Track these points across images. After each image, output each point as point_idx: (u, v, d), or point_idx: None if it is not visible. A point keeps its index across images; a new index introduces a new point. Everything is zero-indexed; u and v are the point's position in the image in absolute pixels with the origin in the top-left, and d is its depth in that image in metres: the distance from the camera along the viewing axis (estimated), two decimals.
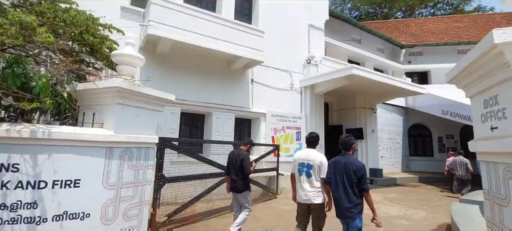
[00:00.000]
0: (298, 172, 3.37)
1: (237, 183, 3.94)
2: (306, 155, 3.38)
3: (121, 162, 3.31)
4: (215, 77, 7.41)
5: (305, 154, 3.41)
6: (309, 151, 3.40)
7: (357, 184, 2.92)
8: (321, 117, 9.31)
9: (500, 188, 1.78)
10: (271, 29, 8.50)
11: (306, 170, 3.28)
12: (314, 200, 3.19)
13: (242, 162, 3.92)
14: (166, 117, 6.33)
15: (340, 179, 3.00)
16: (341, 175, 3.00)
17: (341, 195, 2.96)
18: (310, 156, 3.32)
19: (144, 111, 3.62)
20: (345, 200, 2.92)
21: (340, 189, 2.98)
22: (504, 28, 1.50)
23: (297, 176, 3.39)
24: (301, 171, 3.33)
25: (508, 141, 1.59)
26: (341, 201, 2.95)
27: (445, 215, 5.94)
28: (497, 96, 1.77)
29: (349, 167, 2.97)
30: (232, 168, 4.03)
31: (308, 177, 3.25)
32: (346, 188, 2.94)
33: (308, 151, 3.41)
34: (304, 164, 3.32)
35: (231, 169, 4.05)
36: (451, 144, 14.01)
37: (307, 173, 3.26)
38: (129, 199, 3.42)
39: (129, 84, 3.26)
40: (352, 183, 2.93)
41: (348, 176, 2.96)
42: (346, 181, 2.96)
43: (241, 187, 3.92)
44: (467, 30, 16.72)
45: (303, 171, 3.30)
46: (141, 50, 6.20)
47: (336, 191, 3.03)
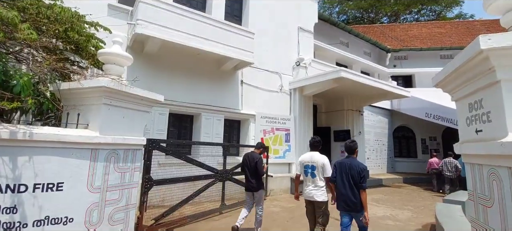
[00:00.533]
0: (304, 173, 3.72)
1: (252, 183, 4.31)
2: (310, 157, 3.70)
3: (107, 164, 3.21)
4: (204, 78, 7.34)
5: (309, 156, 3.72)
6: (313, 154, 3.72)
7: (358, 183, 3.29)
8: (310, 118, 9.40)
9: (485, 189, 1.84)
10: (261, 31, 8.52)
11: (310, 171, 3.62)
12: (317, 198, 3.52)
13: (256, 164, 4.27)
14: (153, 117, 6.21)
15: (346, 178, 3.36)
16: (347, 175, 3.37)
17: (347, 192, 3.33)
18: (313, 158, 3.66)
19: (131, 112, 3.53)
20: (352, 196, 3.29)
21: (346, 187, 3.34)
22: (490, 34, 1.55)
23: (303, 177, 3.74)
24: (306, 172, 3.68)
25: (492, 143, 1.65)
26: (348, 197, 3.31)
27: (429, 215, 6.12)
28: (482, 100, 1.83)
29: (354, 168, 3.34)
30: (247, 169, 4.38)
31: (313, 177, 3.60)
32: (352, 186, 3.31)
33: (312, 154, 3.72)
34: (308, 166, 3.66)
35: (246, 170, 4.41)
36: (434, 145, 14.50)
37: (311, 173, 3.61)
38: (115, 202, 3.31)
39: (116, 84, 3.16)
40: (356, 182, 3.30)
41: (353, 176, 3.32)
42: (351, 180, 3.33)
43: (256, 186, 4.31)
44: (449, 36, 17.38)
45: (308, 172, 3.65)
46: (128, 49, 6.06)
47: (342, 188, 3.38)
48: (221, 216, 5.41)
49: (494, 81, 1.63)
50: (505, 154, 1.50)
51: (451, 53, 15.33)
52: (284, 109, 9.06)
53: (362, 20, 28.84)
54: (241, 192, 6.69)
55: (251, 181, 4.32)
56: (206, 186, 5.30)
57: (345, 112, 11.04)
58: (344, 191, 3.36)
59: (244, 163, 4.50)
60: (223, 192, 5.75)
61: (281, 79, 9.08)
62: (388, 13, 28.21)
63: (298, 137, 8.92)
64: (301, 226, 4.97)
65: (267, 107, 8.57)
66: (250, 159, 4.38)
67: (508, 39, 1.51)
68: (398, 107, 13.94)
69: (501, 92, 1.59)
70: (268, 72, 8.82)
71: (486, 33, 10.85)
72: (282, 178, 8.06)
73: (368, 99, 10.96)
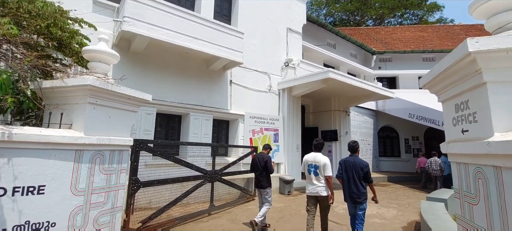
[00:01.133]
0: (308, 171, 4.10)
1: (262, 181, 4.74)
2: (313, 157, 4.10)
3: (91, 166, 3.09)
4: (193, 78, 7.24)
5: (313, 157, 4.11)
6: (316, 155, 4.11)
7: (363, 178, 3.80)
8: (298, 118, 9.47)
9: (471, 187, 1.90)
10: (250, 31, 8.50)
11: (313, 170, 4.03)
12: (321, 193, 3.95)
13: (266, 163, 4.78)
14: (140, 117, 6.06)
15: (351, 174, 3.85)
16: (351, 171, 3.86)
17: (351, 186, 3.83)
18: (316, 158, 4.06)
19: (118, 112, 3.42)
20: (355, 189, 3.80)
21: (351, 182, 3.85)
22: (477, 37, 1.60)
23: (307, 175, 4.12)
24: (310, 170, 4.07)
25: (478, 143, 1.70)
26: (352, 190, 3.83)
27: (414, 213, 6.31)
28: (468, 101, 1.89)
29: (357, 165, 3.85)
30: (256, 168, 4.83)
31: (315, 175, 4.00)
32: (356, 180, 3.81)
33: (315, 155, 4.11)
34: (312, 165, 4.06)
35: (255, 169, 4.86)
36: (416, 145, 15.01)
37: (314, 172, 4.02)
38: (101, 205, 3.20)
39: (102, 82, 3.05)
40: (359, 177, 3.79)
41: (357, 172, 3.82)
42: (355, 176, 3.82)
43: (264, 184, 4.73)
44: (430, 39, 18.03)
45: (312, 171, 4.05)
46: (114, 47, 5.89)
47: (347, 183, 3.89)
48: (210, 217, 5.34)
49: (481, 83, 1.68)
50: (491, 153, 1.56)
51: (433, 56, 15.92)
52: (273, 110, 9.09)
53: (348, 23, 29.44)
54: (229, 193, 6.66)
55: (260, 179, 4.76)
56: (194, 187, 5.22)
57: (332, 113, 11.22)
58: (347, 185, 3.88)
59: (254, 163, 4.94)
60: (212, 193, 5.69)
61: (270, 79, 9.10)
62: (373, 16, 28.93)
63: (286, 137, 8.97)
64: (291, 225, 4.99)
65: (256, 107, 8.56)
66: (260, 159, 4.84)
67: (494, 42, 1.57)
68: (382, 108, 14.32)
69: (487, 94, 1.65)
70: (257, 73, 8.81)
71: (465, 37, 11.36)
72: (271, 178, 8.05)
73: (354, 100, 11.18)
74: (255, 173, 4.88)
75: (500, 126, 1.59)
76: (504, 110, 1.60)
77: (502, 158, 1.49)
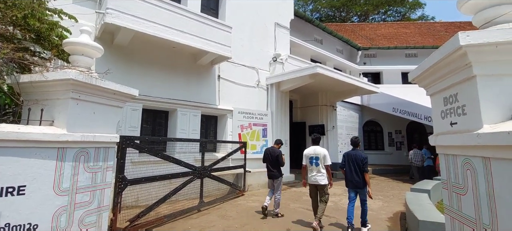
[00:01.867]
0: (309, 163, 4.64)
1: (274, 172, 5.36)
2: (313, 150, 4.67)
3: (75, 164, 2.95)
4: (180, 73, 7.08)
5: (313, 150, 4.69)
6: (315, 148, 4.70)
7: (361, 168, 4.39)
8: (286, 113, 9.51)
9: (459, 178, 1.96)
10: (238, 25, 8.40)
11: (315, 161, 4.58)
12: (320, 182, 4.51)
13: (277, 157, 5.36)
14: (126, 113, 5.86)
15: (353, 165, 4.48)
16: (353, 162, 4.49)
17: (353, 175, 4.46)
18: (316, 151, 4.65)
19: (103, 107, 3.28)
20: (357, 177, 4.43)
21: (352, 171, 4.46)
22: (468, 31, 1.64)
23: (309, 166, 4.66)
24: (311, 162, 4.62)
25: (467, 135, 1.75)
26: (354, 178, 4.45)
27: (398, 204, 6.52)
28: (457, 94, 1.94)
29: (358, 157, 4.47)
30: (268, 161, 5.44)
31: (316, 166, 4.57)
32: (357, 170, 4.44)
33: (315, 148, 4.70)
34: (313, 157, 4.62)
35: (268, 162, 5.45)
36: (399, 138, 15.50)
37: (315, 163, 4.57)
38: (86, 205, 3.07)
39: (85, 76, 2.91)
40: (360, 167, 4.41)
41: (357, 163, 4.44)
42: (356, 166, 4.44)
43: (276, 174, 5.34)
44: (413, 36, 18.54)
45: (313, 162, 4.60)
46: (97, 40, 5.63)
47: (349, 173, 4.51)
48: (199, 214, 5.28)
49: (470, 76, 1.72)
50: (480, 145, 1.60)
51: (415, 52, 16.40)
52: (261, 105, 9.07)
53: (334, 19, 29.77)
54: (219, 188, 6.61)
55: (272, 170, 5.36)
56: (183, 183, 5.14)
57: (319, 108, 11.35)
58: (351, 174, 4.49)
59: (266, 156, 5.53)
60: (202, 189, 5.63)
61: (258, 74, 9.06)
62: (358, 13, 29.38)
63: (275, 132, 8.99)
64: (280, 221, 5.02)
65: (244, 102, 8.51)
66: (272, 152, 5.43)
67: (484, 36, 1.61)
68: (367, 103, 14.65)
69: (476, 87, 1.69)
70: (245, 67, 8.75)
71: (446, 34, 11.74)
72: (260, 173, 8.08)
73: (341, 95, 11.36)
74: (267, 164, 5.48)
75: (489, 118, 1.64)
76: (493, 103, 1.64)
77: (491, 149, 1.54)
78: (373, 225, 4.84)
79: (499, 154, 1.49)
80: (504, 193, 1.48)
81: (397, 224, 4.98)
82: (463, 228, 1.92)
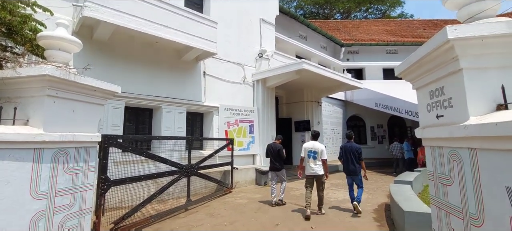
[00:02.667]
0: (308, 156, 5.11)
1: (276, 164, 5.88)
2: (312, 145, 5.14)
3: (54, 166, 2.79)
4: (164, 69, 6.87)
5: (311, 144, 5.17)
6: (314, 143, 5.18)
7: (357, 158, 5.24)
8: (272, 110, 9.52)
9: (445, 169, 2.01)
10: (223, 21, 8.28)
11: (313, 155, 5.07)
12: (318, 172, 5.04)
13: (279, 151, 5.88)
14: (107, 111, 5.62)
15: (349, 155, 5.29)
16: (349, 153, 5.30)
17: (349, 164, 5.28)
18: (315, 146, 5.12)
19: (82, 105, 3.12)
20: (352, 166, 5.26)
21: (349, 161, 5.29)
22: (455, 25, 1.67)
23: (307, 159, 5.12)
24: (309, 155, 5.09)
25: (454, 127, 1.79)
26: (350, 166, 5.28)
27: (382, 195, 6.71)
28: (444, 87, 1.99)
29: (353, 148, 5.31)
30: (271, 155, 5.95)
31: (314, 159, 5.06)
32: (353, 160, 5.26)
33: (313, 143, 5.19)
34: (311, 151, 5.09)
35: (270, 156, 5.97)
36: (381, 132, 15.99)
37: (313, 156, 5.06)
38: (67, 208, 2.92)
39: (62, 72, 2.74)
40: (355, 157, 5.25)
41: (353, 154, 5.27)
42: (352, 156, 5.26)
43: (279, 166, 5.88)
44: (393, 33, 19.08)
45: (311, 156, 5.07)
46: (75, 34, 5.31)
47: (346, 162, 5.33)
48: (187, 213, 5.18)
49: (457, 69, 1.77)
50: (467, 136, 1.65)
51: (396, 49, 16.90)
52: (248, 101, 9.02)
53: (318, 16, 30.10)
54: (206, 186, 6.52)
55: (275, 163, 5.90)
56: (170, 182, 5.01)
57: (305, 104, 11.45)
58: (348, 163, 5.31)
59: (268, 151, 6.02)
60: (189, 187, 5.51)
61: (244, 70, 8.98)
62: (341, 10, 29.89)
63: (261, 128, 8.98)
64: (269, 217, 5.02)
65: (230, 99, 8.42)
66: (274, 147, 5.95)
67: (471, 30, 1.64)
68: (351, 99, 14.97)
69: (463, 80, 1.73)
70: (231, 64, 8.65)
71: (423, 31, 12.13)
72: (247, 169, 8.07)
73: (326, 91, 11.51)
74: (270, 158, 5.98)
75: (475, 110, 1.68)
76: (478, 96, 1.69)
77: (478, 140, 1.58)
78: (359, 217, 4.96)
79: (486, 144, 1.53)
80: (491, 182, 1.53)
81: (382, 215, 5.12)
82: (450, 217, 1.98)
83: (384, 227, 4.42)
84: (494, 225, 1.51)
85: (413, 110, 10.82)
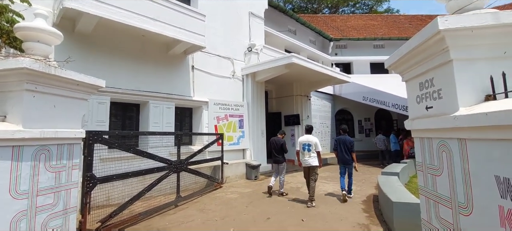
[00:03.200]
0: (303, 149, 5.46)
1: (278, 157, 6.21)
2: (306, 139, 5.50)
3: (35, 164, 2.67)
4: (151, 63, 6.69)
5: (306, 138, 5.53)
6: (308, 136, 5.54)
7: (350, 149, 5.78)
8: (262, 104, 9.49)
9: (434, 160, 2.04)
10: (211, 14, 8.13)
11: (307, 147, 5.42)
12: (312, 164, 5.37)
13: (282, 145, 6.22)
14: (92, 107, 5.43)
15: (343, 147, 5.83)
16: (343, 145, 5.84)
17: (343, 154, 5.82)
18: (309, 139, 5.47)
19: (64, 100, 2.98)
20: (346, 156, 5.79)
21: (343, 152, 5.82)
22: (446, 15, 1.67)
23: (302, 151, 5.48)
24: (304, 148, 5.44)
25: (444, 118, 1.81)
26: (344, 156, 5.81)
27: (370, 187, 6.85)
28: (433, 79, 2.01)
29: (347, 141, 5.86)
30: (274, 149, 6.27)
31: (309, 151, 5.41)
32: (346, 150, 5.80)
33: (308, 136, 5.54)
34: (306, 144, 5.45)
35: (273, 150, 6.28)
36: (368, 125, 16.29)
37: (308, 149, 5.42)
38: (50, 207, 2.80)
39: (42, 65, 2.60)
40: (348, 148, 5.80)
41: (346, 145, 5.82)
42: (345, 147, 5.81)
43: (281, 159, 6.21)
44: (380, 28, 19.36)
45: (306, 148, 5.42)
46: (55, 27, 5.04)
47: (340, 153, 5.86)
48: (177, 209, 5.11)
49: (447, 61, 1.78)
50: (457, 127, 1.67)
51: (383, 44, 17.17)
52: (237, 96, 8.95)
53: (306, 10, 30.14)
54: (196, 182, 6.45)
55: (277, 156, 6.21)
56: (159, 179, 4.91)
57: (294, 98, 11.48)
58: (342, 153, 5.84)
59: (271, 145, 6.35)
60: (178, 183, 5.43)
61: (233, 65, 8.89)
62: (329, 5, 30.03)
63: (251, 122, 8.95)
64: (260, 211, 5.02)
65: (220, 93, 8.33)
66: (276, 141, 6.26)
67: (461, 21, 1.65)
68: (339, 93, 15.13)
69: (452, 71, 1.75)
70: (220, 58, 8.53)
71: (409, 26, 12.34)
72: (238, 164, 8.03)
73: (315, 85, 11.57)
74: (273, 151, 6.28)
75: (464, 101, 1.70)
76: (468, 87, 1.71)
77: (468, 130, 1.60)
78: (348, 208, 5.04)
79: (475, 135, 1.55)
80: (479, 172, 1.56)
81: (370, 206, 5.22)
82: (438, 206, 2.01)
83: (373, 218, 4.51)
84: (483, 214, 1.54)
85: (399, 104, 11.06)
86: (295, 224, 4.31)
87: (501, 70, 1.64)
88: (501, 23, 1.60)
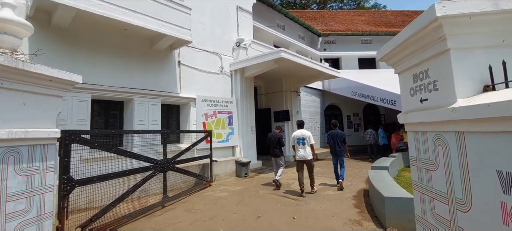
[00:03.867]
0: (297, 143, 5.74)
1: (276, 151, 6.55)
2: (300, 133, 5.79)
3: (3, 167, 2.44)
4: (135, 59, 6.41)
5: (300, 132, 5.83)
6: (301, 130, 5.88)
7: (342, 142, 6.24)
8: (251, 100, 9.35)
9: (429, 154, 1.97)
10: (198, 8, 7.89)
11: (301, 141, 5.70)
12: (307, 157, 5.66)
13: (279, 139, 6.57)
14: (72, 105, 5.14)
15: (335, 140, 6.27)
16: (335, 138, 6.28)
17: (336, 147, 6.25)
18: (303, 133, 5.79)
19: (36, 97, 2.74)
20: (338, 148, 6.23)
21: (335, 145, 6.26)
22: (444, 2, 1.58)
23: (296, 145, 5.75)
24: (299, 142, 5.73)
25: (440, 110, 1.73)
26: (336, 150, 6.25)
27: (360, 182, 6.86)
28: (428, 70, 1.92)
29: (338, 134, 6.32)
30: (271, 144, 6.61)
31: (303, 145, 5.69)
32: (339, 143, 6.25)
33: (301, 131, 5.85)
34: (300, 138, 5.73)
35: (271, 144, 6.62)
36: (357, 120, 16.45)
37: (302, 143, 5.69)
38: (22, 214, 2.58)
39: (8, 59, 2.36)
40: (340, 141, 6.25)
41: (338, 138, 6.27)
42: (338, 141, 6.25)
43: (278, 153, 6.55)
44: (367, 23, 19.51)
45: (300, 142, 5.71)
46: (29, 19, 4.73)
47: (333, 146, 6.29)
48: (164, 210, 4.92)
49: (443, 50, 1.69)
50: (455, 119, 1.58)
51: (370, 39, 17.30)
52: (226, 92, 8.76)
53: (295, 5, 30.08)
54: (184, 181, 6.27)
55: (275, 150, 6.56)
56: (144, 179, 4.70)
57: (283, 93, 11.40)
58: (334, 146, 6.27)
59: (269, 139, 6.68)
60: (165, 183, 5.24)
61: (222, 60, 8.69)
62: (317, 0, 30.08)
63: (240, 119, 8.80)
64: (250, 209, 4.90)
65: (208, 90, 8.13)
66: (274, 136, 6.62)
67: (459, 7, 1.56)
68: (328, 88, 15.17)
69: (450, 61, 1.66)
70: (208, 53, 8.31)
71: (396, 21, 12.43)
72: (227, 162, 7.88)
73: (304, 80, 11.52)
74: (271, 146, 6.60)
75: (462, 92, 1.62)
76: (466, 77, 1.63)
77: (467, 123, 1.52)
78: (339, 204, 5.00)
79: (475, 127, 1.47)
80: (480, 166, 1.48)
81: (361, 201, 5.20)
82: (434, 202, 1.94)
83: (364, 213, 4.47)
84: (483, 210, 1.47)
85: (387, 98, 11.16)
86: (286, 222, 4.22)
87: (499, 60, 1.55)
88: (501, 10, 1.52)
